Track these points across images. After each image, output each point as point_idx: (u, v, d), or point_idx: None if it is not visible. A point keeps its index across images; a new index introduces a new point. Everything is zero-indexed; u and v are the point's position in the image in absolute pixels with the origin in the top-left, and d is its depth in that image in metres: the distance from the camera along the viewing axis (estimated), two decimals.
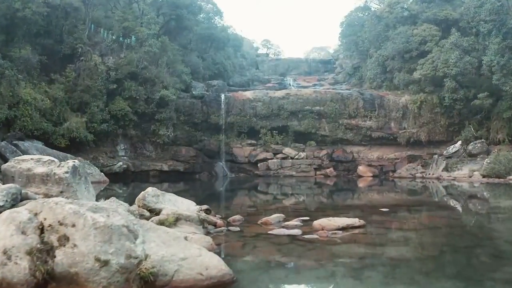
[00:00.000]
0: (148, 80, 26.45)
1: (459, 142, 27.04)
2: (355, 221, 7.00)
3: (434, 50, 28.57)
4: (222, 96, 30.06)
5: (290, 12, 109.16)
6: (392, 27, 32.39)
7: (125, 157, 26.72)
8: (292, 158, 29.26)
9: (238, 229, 6.39)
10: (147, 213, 5.27)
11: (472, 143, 26.30)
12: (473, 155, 25.71)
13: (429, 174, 25.68)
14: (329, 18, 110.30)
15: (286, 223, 7.07)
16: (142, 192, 5.70)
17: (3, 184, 5.00)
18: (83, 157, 23.45)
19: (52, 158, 5.61)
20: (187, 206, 5.84)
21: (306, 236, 6.03)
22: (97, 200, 5.61)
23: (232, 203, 14.60)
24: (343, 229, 6.62)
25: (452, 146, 27.21)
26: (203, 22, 38.54)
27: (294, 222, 7.11)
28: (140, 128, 26.97)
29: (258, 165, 29.20)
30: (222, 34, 39.32)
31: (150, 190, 5.70)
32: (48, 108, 22.06)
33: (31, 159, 5.54)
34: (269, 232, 6.29)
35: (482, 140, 26.34)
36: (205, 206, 6.67)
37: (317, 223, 6.80)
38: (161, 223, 4.59)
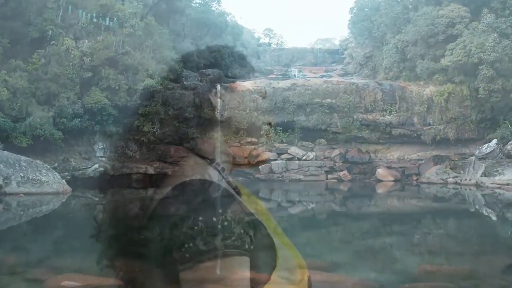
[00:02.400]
0: (130, 68, 22.65)
1: (495, 141, 23.25)
2: None
3: (464, 33, 24.58)
4: (218, 87, 26.08)
5: (293, 3, 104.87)
6: (413, 8, 28.44)
7: (103, 158, 22.90)
8: (299, 159, 25.35)
9: None
10: None
11: (511, 142, 22.51)
12: None
13: (465, 179, 21.65)
14: (334, 9, 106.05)
15: None
16: None
17: None
18: (51, 159, 19.86)
19: None
20: None
21: None
22: None
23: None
24: None
25: (486, 145, 23.40)
26: (198, 7, 34.81)
27: None
28: (121, 124, 23.09)
29: (260, 167, 25.26)
30: (220, 19, 35.45)
31: None
32: (5, 100, 18.67)
33: None
34: None
35: None
36: None
37: None
38: None
